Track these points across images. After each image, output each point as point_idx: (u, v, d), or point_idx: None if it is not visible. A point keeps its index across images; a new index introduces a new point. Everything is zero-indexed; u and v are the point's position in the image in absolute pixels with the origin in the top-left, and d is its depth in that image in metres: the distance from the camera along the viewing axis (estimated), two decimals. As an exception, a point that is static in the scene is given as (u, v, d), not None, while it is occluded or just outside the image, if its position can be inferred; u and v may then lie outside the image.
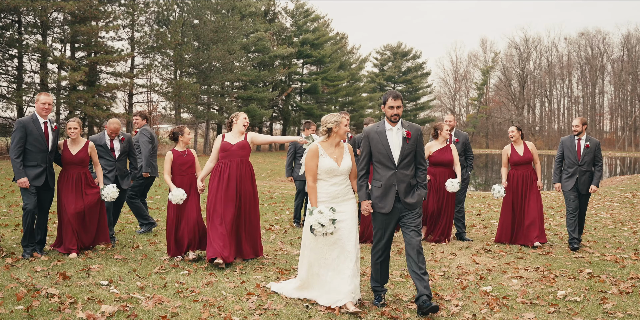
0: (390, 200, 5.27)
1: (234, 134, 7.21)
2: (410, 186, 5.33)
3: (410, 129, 5.33)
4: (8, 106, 31.01)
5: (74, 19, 31.36)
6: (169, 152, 7.41)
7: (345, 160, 5.47)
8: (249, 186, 7.07)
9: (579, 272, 6.92)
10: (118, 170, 8.25)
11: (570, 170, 8.42)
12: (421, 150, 5.39)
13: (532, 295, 5.86)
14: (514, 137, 8.77)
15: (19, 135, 6.96)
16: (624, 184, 22.80)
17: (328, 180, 5.44)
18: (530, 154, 8.72)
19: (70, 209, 7.28)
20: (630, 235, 9.68)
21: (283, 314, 5.13)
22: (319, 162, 5.42)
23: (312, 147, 5.48)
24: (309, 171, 5.45)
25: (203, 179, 7.32)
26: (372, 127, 5.42)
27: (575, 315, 5.21)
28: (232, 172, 6.97)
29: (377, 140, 5.32)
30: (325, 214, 5.15)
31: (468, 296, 5.80)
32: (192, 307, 5.28)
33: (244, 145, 7.16)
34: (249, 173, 7.11)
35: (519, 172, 8.73)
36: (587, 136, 8.45)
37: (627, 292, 5.97)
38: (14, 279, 6.04)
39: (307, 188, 5.55)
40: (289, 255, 7.76)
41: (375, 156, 5.35)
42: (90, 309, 5.09)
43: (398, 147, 5.28)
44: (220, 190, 6.91)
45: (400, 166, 5.28)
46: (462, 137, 9.29)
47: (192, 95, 37.86)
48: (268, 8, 51.40)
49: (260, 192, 16.35)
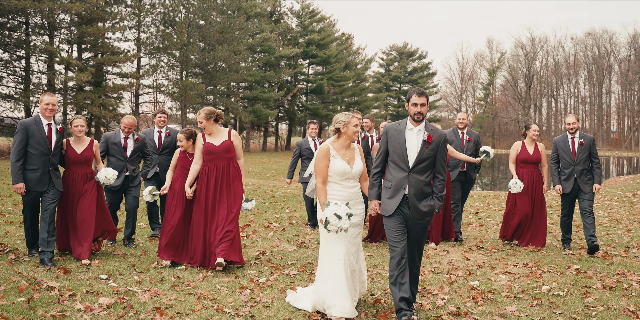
0: (395, 202, 4.96)
1: (215, 133, 6.81)
2: (422, 193, 4.98)
3: (434, 133, 4.98)
4: (16, 107, 31.35)
5: (80, 20, 31.67)
6: (177, 150, 7.22)
7: (357, 162, 5.21)
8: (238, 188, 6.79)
9: (567, 268, 7.07)
10: (128, 170, 8.03)
11: (567, 171, 8.20)
12: (442, 159, 5.02)
13: (517, 289, 6.02)
14: (536, 135, 8.58)
15: (20, 138, 6.67)
16: (627, 183, 22.86)
17: (340, 183, 5.16)
18: (540, 155, 8.56)
19: (75, 212, 7.08)
20: (623, 234, 9.80)
21: (274, 306, 5.32)
22: (330, 163, 5.12)
23: (323, 147, 5.17)
24: (318, 173, 5.14)
25: (191, 184, 6.87)
26: (393, 125, 5.14)
27: (557, 308, 5.37)
28: (219, 176, 6.70)
29: (395, 139, 5.03)
30: (342, 207, 4.82)
31: (455, 290, 5.97)
32: (186, 299, 5.48)
33: (229, 146, 6.78)
34: (237, 175, 6.82)
35: (526, 171, 8.53)
36: (580, 133, 8.24)
37: (610, 287, 6.11)
38: (17, 273, 6.26)
39: (316, 189, 5.23)
40: (284, 251, 7.94)
41: (391, 155, 5.07)
42: (89, 301, 5.30)
43: (416, 149, 4.96)
44: (203, 195, 6.67)
45: (414, 170, 4.96)
46: (474, 136, 9.19)
47: (197, 95, 38.14)
48: (274, 9, 51.60)
49: (263, 191, 16.56)
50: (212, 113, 6.72)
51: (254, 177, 23.50)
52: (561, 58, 73.49)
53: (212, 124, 6.74)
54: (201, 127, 6.74)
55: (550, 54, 73.89)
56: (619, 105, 70.74)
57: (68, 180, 7.11)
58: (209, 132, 6.75)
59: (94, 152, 7.30)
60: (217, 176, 6.69)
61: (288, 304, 5.38)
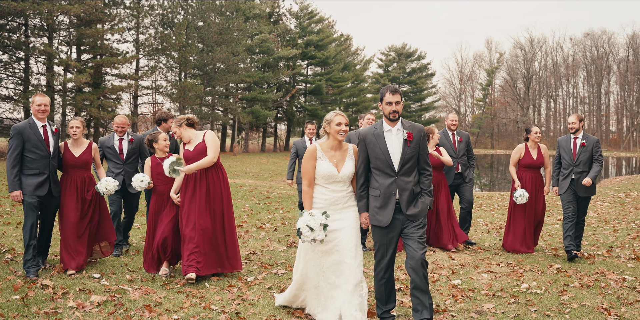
0: (389, 211, 4.71)
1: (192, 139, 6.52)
2: (413, 194, 4.76)
3: (412, 130, 4.76)
4: (15, 108, 31.60)
5: (79, 22, 31.93)
6: (147, 159, 6.90)
7: (347, 165, 4.90)
8: (219, 194, 6.42)
9: (549, 267, 7.26)
10: (126, 174, 7.75)
11: (566, 171, 7.95)
12: (424, 154, 4.82)
13: (497, 288, 6.21)
14: (538, 138, 8.31)
15: (15, 143, 6.28)
16: (621, 184, 22.98)
17: (326, 186, 4.90)
18: (542, 159, 8.35)
19: (72, 218, 6.61)
20: (609, 234, 9.98)
21: (259, 303, 5.52)
22: (316, 165, 4.88)
23: (310, 147, 4.94)
24: (305, 174, 4.91)
25: (176, 191, 6.59)
26: (369, 129, 4.84)
27: (533, 305, 5.56)
28: (199, 180, 6.36)
29: (375, 144, 4.75)
30: (317, 217, 4.61)
31: (437, 289, 6.15)
32: (175, 297, 5.68)
33: (202, 149, 6.37)
34: (219, 179, 6.46)
35: (529, 175, 8.30)
36: (584, 134, 7.94)
37: (588, 286, 6.30)
38: (12, 272, 6.46)
39: (302, 192, 5.00)
40: (274, 251, 8.14)
41: (373, 162, 4.78)
42: (81, 299, 5.51)
43: (398, 151, 4.72)
44: (188, 201, 6.34)
45: (401, 173, 4.72)
46: (465, 136, 9.10)
47: (196, 96, 38.40)
48: (272, 10, 51.82)
49: (259, 192, 16.73)
50: (182, 119, 6.47)
51: (251, 178, 23.69)
52: (560, 59, 73.76)
53: (186, 129, 6.48)
54: (177, 138, 6.54)
55: (549, 54, 74.14)
56: (617, 105, 70.93)
57: (66, 184, 6.68)
58: (187, 140, 6.48)
59: (92, 156, 6.90)
60: (196, 181, 6.34)
61: (274, 302, 5.57)
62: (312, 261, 4.97)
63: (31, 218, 6.36)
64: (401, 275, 6.68)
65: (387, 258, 4.84)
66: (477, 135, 72.13)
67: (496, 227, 10.67)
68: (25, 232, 6.34)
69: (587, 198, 7.91)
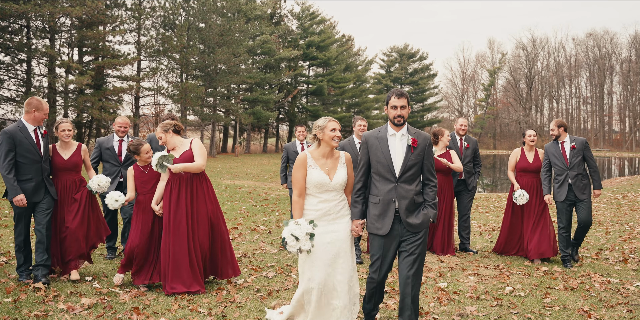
0: (388, 219, 4.56)
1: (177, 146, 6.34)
2: (414, 204, 4.60)
3: (418, 137, 4.63)
4: (17, 109, 31.83)
5: (81, 24, 32.13)
6: (130, 168, 6.59)
7: (339, 173, 4.74)
8: (203, 204, 6.23)
9: (536, 269, 7.34)
10: (123, 176, 7.61)
11: (560, 177, 7.67)
12: (429, 163, 4.66)
13: (482, 290, 6.30)
14: (533, 141, 8.09)
15: (7, 148, 6.10)
16: (620, 185, 22.93)
17: (318, 195, 4.71)
18: (539, 163, 8.07)
19: (66, 222, 6.49)
20: (601, 236, 10.04)
21: (246, 306, 5.62)
22: (307, 174, 4.70)
23: (301, 156, 4.76)
24: (295, 183, 4.72)
25: (158, 202, 6.31)
26: (372, 133, 4.73)
27: (515, 308, 5.65)
28: (182, 189, 6.17)
29: (377, 147, 4.63)
30: (303, 226, 4.43)
31: (422, 291, 6.23)
32: (164, 300, 5.79)
33: (189, 157, 6.20)
34: (204, 192, 6.27)
35: (525, 181, 8.08)
36: (571, 137, 7.80)
37: (572, 288, 6.39)
38: (6, 275, 6.58)
39: (292, 202, 4.84)
40: (266, 254, 8.24)
41: (374, 166, 4.65)
42: (71, 302, 5.63)
43: (401, 156, 4.59)
44: (172, 212, 6.12)
45: (401, 179, 4.58)
46: (473, 143, 8.79)
47: (198, 97, 38.51)
48: (274, 11, 51.96)
49: (257, 194, 16.84)
50: (169, 125, 6.29)
51: (251, 179, 23.79)
52: (562, 59, 73.76)
53: (172, 135, 6.30)
54: (162, 144, 6.35)
55: (552, 54, 74.12)
56: (620, 105, 70.86)
57: (56, 188, 6.54)
58: (171, 147, 6.30)
59: (82, 158, 6.73)
60: (180, 189, 6.17)
61: (261, 304, 5.67)
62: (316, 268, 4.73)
63: (23, 223, 6.33)
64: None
65: (384, 268, 4.68)
66: (480, 136, 72.11)
67: (489, 229, 10.75)
68: (18, 235, 6.34)
69: (588, 200, 7.62)
